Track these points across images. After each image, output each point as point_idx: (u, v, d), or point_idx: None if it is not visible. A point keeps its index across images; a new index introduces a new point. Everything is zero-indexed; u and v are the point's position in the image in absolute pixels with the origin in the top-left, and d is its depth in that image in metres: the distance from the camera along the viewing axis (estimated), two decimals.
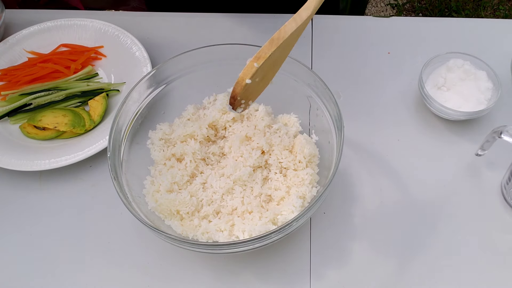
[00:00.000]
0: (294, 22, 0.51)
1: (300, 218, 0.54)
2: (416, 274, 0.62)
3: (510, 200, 0.66)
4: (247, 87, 0.51)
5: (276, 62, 0.53)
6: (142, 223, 0.54)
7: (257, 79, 0.51)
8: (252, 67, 0.50)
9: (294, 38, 0.52)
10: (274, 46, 0.50)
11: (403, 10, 2.13)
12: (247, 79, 0.50)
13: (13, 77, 0.80)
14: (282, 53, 0.52)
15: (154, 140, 0.65)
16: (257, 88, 0.54)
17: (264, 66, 0.50)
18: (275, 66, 0.54)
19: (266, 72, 0.52)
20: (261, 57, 0.50)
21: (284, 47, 0.52)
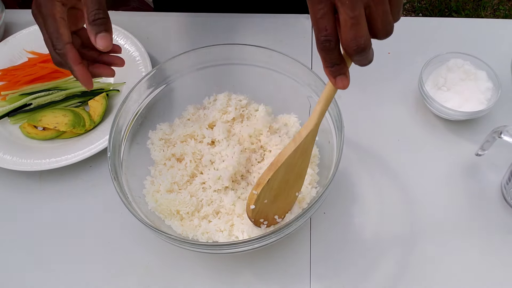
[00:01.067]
0: (293, 143, 0.52)
1: (300, 218, 0.54)
2: (416, 274, 0.62)
3: (510, 200, 0.66)
4: (257, 210, 0.54)
5: (290, 179, 0.55)
6: (142, 223, 0.54)
7: (266, 201, 0.54)
8: (253, 195, 0.53)
9: (300, 155, 0.53)
10: (271, 171, 0.52)
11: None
12: (251, 205, 0.54)
13: (13, 77, 0.80)
14: (290, 171, 0.54)
15: (154, 140, 0.65)
16: (275, 205, 0.56)
17: (266, 190, 0.53)
18: (291, 181, 0.55)
19: (278, 191, 0.54)
20: (260, 184, 0.53)
21: (288, 165, 0.53)
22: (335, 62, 0.45)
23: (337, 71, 0.46)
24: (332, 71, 0.46)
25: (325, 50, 0.44)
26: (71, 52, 0.53)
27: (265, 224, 0.57)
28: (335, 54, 0.45)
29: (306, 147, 0.53)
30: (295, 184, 0.57)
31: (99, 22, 0.51)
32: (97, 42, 0.51)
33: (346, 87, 0.46)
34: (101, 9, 0.52)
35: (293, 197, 0.58)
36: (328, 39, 0.44)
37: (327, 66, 0.46)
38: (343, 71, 0.46)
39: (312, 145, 0.54)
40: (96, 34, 0.51)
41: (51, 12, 0.53)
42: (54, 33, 0.53)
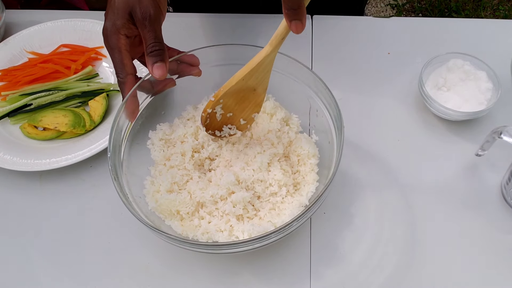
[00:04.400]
0: (245, 67, 0.59)
1: (300, 218, 0.54)
2: (416, 274, 0.62)
3: (510, 200, 0.66)
4: (212, 115, 0.62)
5: (245, 95, 0.62)
6: (143, 223, 0.54)
7: (220, 107, 0.62)
8: (210, 101, 0.61)
9: (254, 78, 0.60)
10: (226, 87, 0.60)
11: (403, 11, 2.13)
12: (208, 109, 0.62)
13: (14, 78, 0.80)
14: (244, 89, 0.61)
15: (154, 140, 0.65)
16: (237, 113, 0.64)
17: (225, 97, 0.61)
18: (248, 97, 0.62)
19: (236, 98, 0.62)
20: (216, 95, 0.61)
21: (240, 88, 0.60)
22: (293, 6, 0.49)
23: (293, 15, 0.50)
24: (288, 14, 0.50)
25: None
26: (130, 83, 0.60)
27: (231, 128, 0.64)
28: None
29: (259, 74, 0.59)
30: (253, 98, 0.62)
31: (155, 54, 0.57)
32: (153, 71, 0.57)
33: (299, 32, 0.51)
34: (158, 41, 0.58)
35: (254, 105, 0.64)
36: None
37: (285, 8, 0.50)
38: (299, 17, 0.50)
39: (267, 74, 0.60)
40: (153, 64, 0.57)
41: (117, 45, 0.59)
42: (119, 63, 0.59)
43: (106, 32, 0.59)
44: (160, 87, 0.65)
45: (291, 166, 0.64)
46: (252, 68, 0.58)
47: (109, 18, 0.59)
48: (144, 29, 0.58)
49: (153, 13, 0.58)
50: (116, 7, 0.58)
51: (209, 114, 0.62)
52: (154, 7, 0.58)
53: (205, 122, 0.63)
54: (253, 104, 0.63)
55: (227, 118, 0.64)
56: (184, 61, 0.65)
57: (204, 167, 0.65)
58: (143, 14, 0.57)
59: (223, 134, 0.65)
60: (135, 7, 0.58)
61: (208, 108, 0.62)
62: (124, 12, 0.58)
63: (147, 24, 0.57)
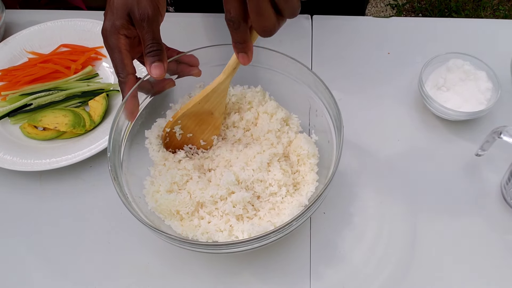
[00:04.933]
0: (198, 96, 0.62)
1: (299, 218, 0.54)
2: (416, 274, 0.62)
3: (510, 200, 0.66)
4: (171, 134, 0.65)
5: (203, 118, 0.64)
6: (142, 223, 0.54)
7: (179, 127, 0.64)
8: (169, 121, 0.64)
9: (209, 103, 0.62)
10: (185, 108, 0.63)
11: (403, 10, 2.13)
12: (166, 128, 0.64)
13: (14, 77, 0.80)
14: (201, 113, 0.63)
15: (152, 139, 0.65)
16: (197, 134, 0.66)
17: (183, 118, 0.63)
18: (205, 119, 0.64)
19: (194, 120, 0.64)
20: (174, 116, 0.63)
21: (197, 111, 0.63)
22: (238, 40, 0.51)
23: (239, 48, 0.52)
24: (235, 46, 0.52)
25: (230, 28, 0.50)
26: (130, 83, 0.60)
27: (192, 148, 0.66)
28: (239, 33, 0.50)
29: (214, 99, 0.62)
30: (211, 121, 0.65)
31: (153, 54, 0.57)
32: (151, 71, 0.58)
33: (245, 64, 0.53)
34: (155, 42, 0.58)
35: (213, 127, 0.66)
36: (232, 20, 0.49)
37: (233, 41, 0.52)
38: (245, 50, 0.52)
39: (223, 99, 0.63)
40: (151, 64, 0.57)
41: (116, 45, 0.59)
42: (119, 63, 0.59)
43: (106, 33, 0.59)
44: (159, 87, 0.65)
45: (291, 166, 0.64)
46: (207, 93, 0.61)
47: (108, 18, 0.59)
48: (142, 29, 0.58)
49: (151, 13, 0.58)
50: (115, 7, 0.59)
51: (168, 133, 0.64)
52: (152, 7, 0.58)
53: (165, 141, 0.65)
54: (212, 127, 0.65)
55: (187, 138, 0.66)
56: (183, 61, 0.65)
57: (204, 167, 0.65)
58: (141, 15, 0.57)
59: (184, 152, 0.66)
60: (133, 8, 0.58)
61: (167, 128, 0.64)
62: (123, 13, 0.58)
63: (145, 24, 0.58)
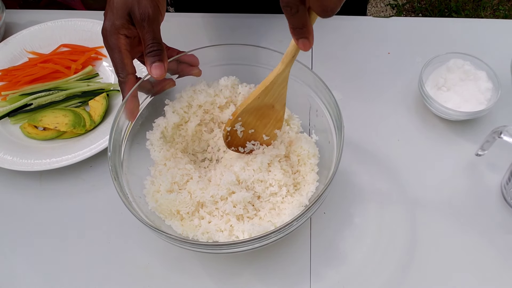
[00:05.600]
0: (261, 85, 0.59)
1: (300, 218, 0.54)
2: (416, 274, 0.62)
3: (510, 200, 0.66)
4: (233, 132, 0.62)
5: (264, 112, 0.62)
6: (143, 223, 0.54)
7: (240, 125, 0.62)
8: (229, 120, 0.62)
9: (270, 96, 0.60)
10: (244, 104, 0.60)
11: (403, 10, 2.13)
12: (227, 127, 0.62)
13: (14, 77, 0.80)
14: (262, 107, 0.61)
15: (153, 140, 0.65)
16: (259, 130, 0.64)
17: (243, 114, 0.61)
18: (267, 113, 0.62)
19: (255, 115, 0.62)
20: (234, 114, 0.61)
21: (257, 105, 0.60)
22: (297, 25, 0.49)
23: (299, 34, 0.49)
24: (294, 32, 0.50)
25: (287, 14, 0.48)
26: (130, 83, 0.60)
27: (255, 144, 0.64)
28: (298, 18, 0.48)
29: (274, 91, 0.59)
30: (273, 114, 0.62)
31: (153, 54, 0.57)
32: (152, 71, 0.58)
33: (307, 49, 0.51)
34: (156, 42, 0.58)
35: (275, 121, 0.63)
36: (289, 5, 0.47)
37: (290, 27, 0.49)
38: (305, 35, 0.49)
39: (283, 90, 0.60)
40: (151, 64, 0.57)
41: (116, 45, 0.59)
42: (119, 63, 0.59)
43: (106, 33, 0.59)
44: (160, 87, 0.65)
45: (291, 166, 0.64)
46: (266, 86, 0.58)
47: (108, 18, 0.59)
48: (143, 29, 0.58)
49: (151, 13, 0.58)
50: (115, 7, 0.58)
51: (229, 132, 0.62)
52: (152, 7, 0.58)
53: (227, 140, 0.63)
54: (274, 120, 0.63)
55: (249, 135, 0.64)
56: (184, 61, 0.65)
57: (205, 163, 0.65)
58: (142, 15, 0.57)
59: (247, 150, 0.65)
60: (134, 8, 0.58)
61: (227, 126, 0.62)
62: (123, 13, 0.58)
63: (146, 24, 0.58)
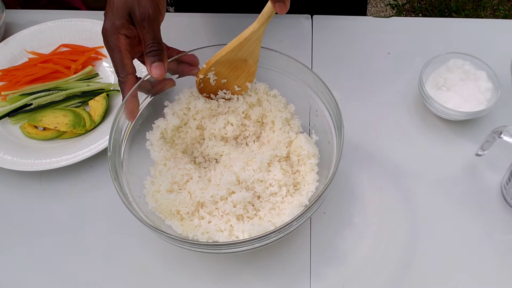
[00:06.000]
0: (235, 40, 0.61)
1: (300, 218, 0.54)
2: (416, 274, 0.62)
3: (510, 200, 0.66)
4: (205, 80, 0.64)
5: (237, 65, 0.63)
6: (143, 223, 0.54)
7: (213, 74, 0.64)
8: (202, 68, 0.63)
9: (244, 50, 0.61)
10: (218, 55, 0.61)
11: (403, 10, 2.13)
12: (200, 75, 0.64)
13: (14, 77, 0.80)
14: (235, 59, 0.62)
15: (153, 141, 0.65)
16: (231, 80, 0.65)
17: (216, 65, 0.62)
18: (240, 66, 0.64)
19: (229, 67, 0.64)
20: (208, 63, 0.63)
21: (231, 58, 0.62)
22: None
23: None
24: None
25: None
26: (130, 83, 0.60)
27: (226, 93, 0.66)
28: None
29: (248, 47, 0.61)
30: (245, 68, 0.64)
31: (153, 54, 0.57)
32: (151, 71, 0.58)
33: (282, 12, 0.53)
34: (156, 41, 0.58)
35: (247, 74, 0.65)
36: None
37: None
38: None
39: (256, 48, 0.62)
40: (151, 63, 0.57)
41: (116, 45, 0.59)
42: (119, 63, 0.59)
43: (106, 32, 0.59)
44: (160, 87, 0.65)
45: (291, 166, 0.64)
46: (240, 42, 0.60)
47: (108, 18, 0.59)
48: (143, 29, 0.58)
49: (151, 13, 0.58)
50: (115, 7, 0.58)
51: (202, 80, 0.64)
52: (153, 7, 0.58)
53: (199, 86, 0.65)
54: (246, 74, 0.65)
55: (221, 84, 0.66)
56: (184, 61, 0.65)
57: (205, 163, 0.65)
58: (142, 15, 0.57)
59: (218, 98, 0.67)
60: (134, 8, 0.58)
61: (200, 74, 0.64)
62: (123, 13, 0.58)
63: (146, 24, 0.58)
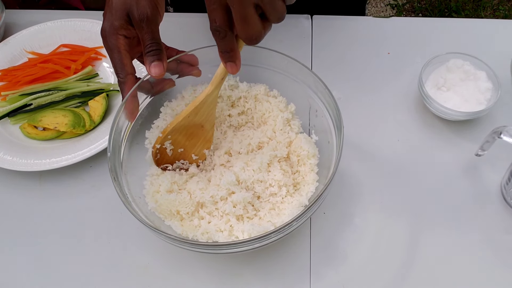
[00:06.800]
0: (191, 105, 0.61)
1: (300, 218, 0.54)
2: (415, 274, 0.62)
3: (510, 200, 0.66)
4: (162, 150, 0.63)
5: (193, 131, 0.63)
6: (143, 223, 0.54)
7: (170, 143, 0.63)
8: (158, 137, 0.63)
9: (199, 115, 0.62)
10: (174, 123, 0.61)
11: (403, 10, 2.13)
12: (156, 145, 0.63)
13: (13, 78, 0.80)
14: (192, 126, 0.62)
15: (152, 139, 0.65)
16: (188, 148, 0.65)
17: (172, 133, 0.62)
18: (195, 133, 0.64)
19: (185, 134, 0.63)
20: (164, 132, 0.62)
21: (187, 124, 0.62)
22: (225, 49, 0.52)
23: (227, 57, 0.53)
24: (222, 56, 0.53)
25: (216, 38, 0.50)
26: (130, 83, 0.60)
27: (184, 163, 0.66)
28: (225, 42, 0.51)
29: (204, 111, 0.61)
30: (202, 134, 0.64)
31: (152, 53, 0.57)
32: (151, 70, 0.58)
33: (234, 73, 0.54)
34: (155, 41, 0.58)
35: (204, 141, 0.65)
36: (218, 29, 0.50)
37: (219, 51, 0.52)
38: (232, 59, 0.53)
39: (212, 111, 0.62)
40: (150, 63, 0.57)
41: (115, 45, 0.59)
42: (118, 63, 0.59)
43: (105, 33, 0.59)
44: (159, 87, 0.65)
45: (291, 166, 0.64)
46: (196, 106, 0.60)
47: (107, 19, 0.59)
48: (141, 29, 0.58)
49: (150, 13, 0.58)
50: (113, 8, 0.58)
51: (159, 150, 0.63)
52: (151, 7, 0.58)
53: (155, 158, 0.64)
54: (203, 140, 0.64)
55: (178, 154, 0.65)
56: (183, 61, 0.65)
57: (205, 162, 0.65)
58: (140, 15, 0.57)
59: (175, 168, 0.65)
60: (132, 8, 0.58)
61: (157, 144, 0.62)
62: (122, 13, 0.58)
63: (144, 25, 0.57)
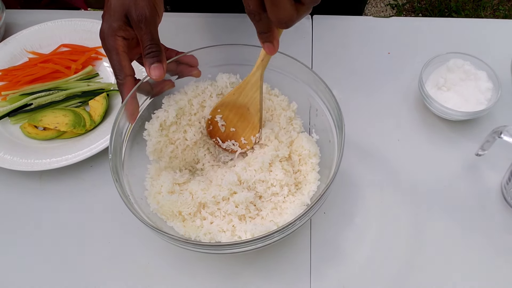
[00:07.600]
0: (237, 88, 0.62)
1: (302, 217, 0.54)
2: (416, 274, 0.62)
3: (510, 200, 0.66)
4: (214, 122, 0.65)
5: (243, 113, 0.64)
6: (146, 225, 0.54)
7: (221, 117, 0.65)
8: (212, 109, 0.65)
9: (246, 100, 0.63)
10: (223, 98, 0.63)
11: (403, 10, 2.13)
12: (208, 115, 0.65)
13: (14, 77, 0.80)
14: (239, 107, 0.64)
15: (151, 131, 0.64)
16: (239, 132, 0.66)
17: (222, 107, 0.64)
18: (244, 115, 0.64)
19: (235, 113, 0.64)
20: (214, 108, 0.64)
21: (233, 105, 0.63)
22: (262, 30, 0.52)
23: (264, 38, 0.52)
24: (260, 37, 0.53)
25: (252, 21, 0.51)
26: (129, 84, 0.60)
27: (235, 145, 0.66)
28: (262, 24, 0.51)
29: (247, 91, 0.62)
30: (250, 118, 0.64)
31: (151, 55, 0.57)
32: (150, 72, 0.58)
33: (272, 53, 0.53)
34: (154, 43, 0.58)
35: (252, 126, 0.65)
36: (252, 13, 0.50)
37: (257, 32, 0.52)
38: (269, 39, 0.52)
39: (256, 94, 0.62)
40: (150, 65, 0.57)
41: (114, 47, 0.59)
42: (117, 65, 0.59)
43: (103, 35, 0.59)
44: (159, 89, 0.65)
45: (292, 165, 0.64)
46: (240, 84, 0.61)
47: (105, 20, 0.59)
48: (140, 31, 0.58)
49: (148, 15, 0.57)
50: (112, 9, 0.58)
51: (211, 121, 0.64)
52: (149, 8, 0.58)
53: (208, 128, 0.66)
54: (251, 125, 0.64)
55: (231, 133, 0.66)
56: (183, 62, 0.65)
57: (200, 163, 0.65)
58: (139, 16, 0.57)
59: (226, 147, 0.67)
60: (131, 9, 0.58)
61: (209, 115, 0.65)
62: (120, 15, 0.58)
63: (143, 26, 0.57)
